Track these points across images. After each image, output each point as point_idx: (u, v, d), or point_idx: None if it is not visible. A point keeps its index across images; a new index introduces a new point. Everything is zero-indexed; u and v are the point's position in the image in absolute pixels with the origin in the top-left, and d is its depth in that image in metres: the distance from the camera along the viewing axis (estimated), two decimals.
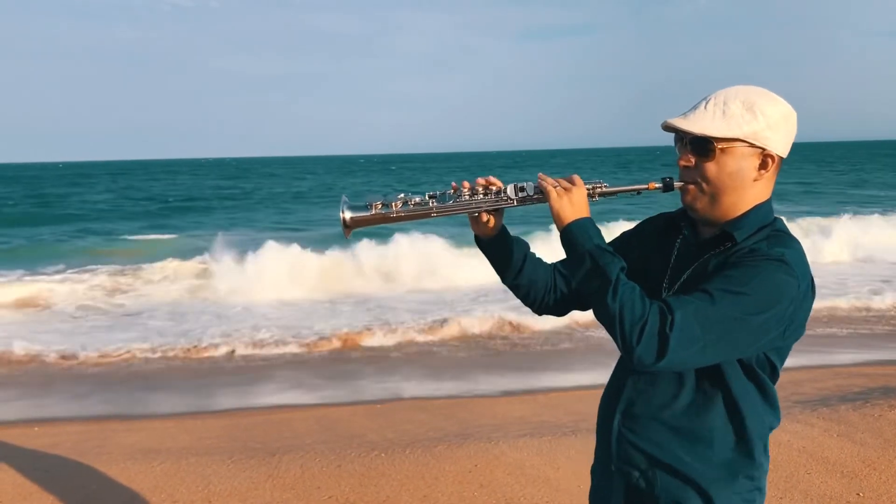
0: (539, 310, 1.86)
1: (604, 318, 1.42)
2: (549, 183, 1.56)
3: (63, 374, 7.14)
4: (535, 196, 1.60)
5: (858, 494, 3.80)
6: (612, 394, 1.69)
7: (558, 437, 4.71)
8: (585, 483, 3.99)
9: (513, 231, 1.80)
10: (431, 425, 5.20)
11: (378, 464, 4.34)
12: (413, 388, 6.51)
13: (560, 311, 1.86)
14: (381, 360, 7.60)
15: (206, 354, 7.81)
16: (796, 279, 1.43)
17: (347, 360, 7.66)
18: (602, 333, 8.23)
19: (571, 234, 1.50)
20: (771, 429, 1.59)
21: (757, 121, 1.48)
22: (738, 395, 1.52)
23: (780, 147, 1.52)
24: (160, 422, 5.57)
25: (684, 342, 1.36)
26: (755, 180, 1.52)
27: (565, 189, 1.54)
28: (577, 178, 1.56)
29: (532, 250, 1.83)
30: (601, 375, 6.74)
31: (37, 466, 4.44)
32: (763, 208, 1.54)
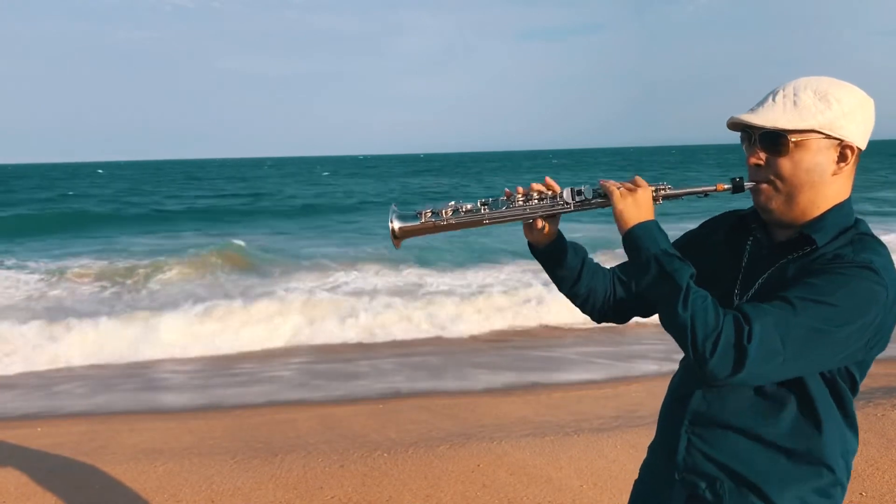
0: (598, 318, 1.77)
1: (673, 328, 1.32)
2: (612, 184, 1.48)
3: None
4: (594, 200, 1.52)
5: (861, 494, 3.80)
6: (679, 398, 1.56)
7: (561, 437, 4.71)
8: (588, 483, 4.03)
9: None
10: (434, 425, 5.20)
11: (380, 463, 4.34)
12: (415, 387, 6.52)
13: (620, 319, 1.77)
14: (383, 360, 7.60)
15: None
16: (885, 287, 1.32)
17: (351, 359, 7.67)
18: (603, 337, 8.21)
19: (636, 238, 1.41)
20: (852, 449, 1.48)
21: (831, 109, 1.37)
22: (820, 406, 1.41)
23: (858, 137, 1.40)
24: (163, 422, 5.58)
25: (763, 355, 1.26)
26: (834, 174, 1.41)
27: (629, 190, 1.46)
28: (639, 179, 1.49)
29: (590, 256, 1.75)
30: (602, 375, 6.77)
31: (40, 466, 4.45)
32: (843, 209, 1.43)
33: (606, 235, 11.13)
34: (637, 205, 1.44)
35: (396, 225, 1.58)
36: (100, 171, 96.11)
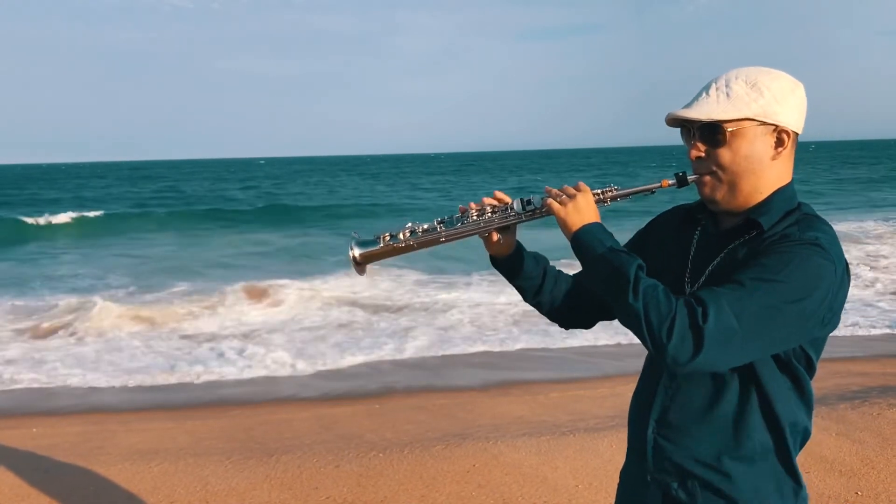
0: (565, 325, 1.79)
1: (628, 319, 1.34)
2: (552, 194, 1.50)
3: None
4: (544, 209, 1.54)
5: (857, 493, 3.80)
6: (643, 401, 1.59)
7: (556, 437, 4.71)
8: (583, 482, 4.02)
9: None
10: (430, 425, 5.20)
11: (376, 464, 4.34)
12: (412, 386, 6.52)
13: (586, 324, 1.78)
14: (380, 361, 7.59)
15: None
16: (833, 263, 1.34)
17: (348, 361, 7.66)
18: (602, 335, 8.20)
19: (581, 242, 1.43)
20: (806, 431, 1.49)
21: (763, 96, 1.41)
22: (773, 392, 1.43)
23: (793, 121, 1.44)
24: (160, 422, 5.58)
25: (720, 335, 1.26)
26: (773, 159, 1.44)
27: (569, 196, 1.47)
28: (581, 184, 1.50)
29: (552, 264, 1.76)
30: (600, 374, 6.76)
31: (36, 467, 4.46)
32: (786, 192, 1.46)
33: None
34: (578, 210, 1.46)
35: (356, 252, 1.60)
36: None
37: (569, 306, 1.74)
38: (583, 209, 1.46)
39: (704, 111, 1.43)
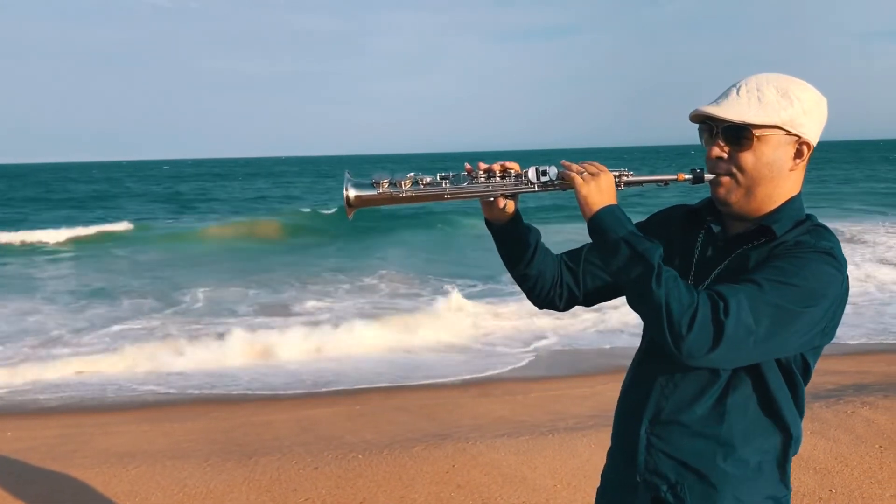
0: (542, 304, 1.73)
1: (648, 306, 1.30)
2: (573, 169, 1.47)
3: None
4: (558, 182, 1.49)
5: (831, 491, 3.84)
6: (637, 399, 1.54)
7: (535, 437, 4.72)
8: (561, 482, 4.04)
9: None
10: (410, 426, 5.20)
11: (355, 465, 4.32)
12: (393, 386, 6.52)
13: (564, 307, 1.74)
14: (370, 358, 7.58)
15: None
16: (842, 274, 1.37)
17: (337, 357, 7.64)
18: (586, 344, 8.25)
19: (602, 222, 1.39)
20: (799, 440, 1.50)
21: (793, 106, 1.40)
22: (777, 394, 1.43)
23: (813, 134, 1.44)
24: (137, 424, 5.54)
25: (739, 331, 1.26)
26: (791, 170, 1.44)
27: (592, 174, 1.44)
28: (600, 165, 1.48)
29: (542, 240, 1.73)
30: (581, 372, 6.77)
31: (9, 471, 4.40)
32: (796, 202, 1.47)
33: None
34: (600, 189, 1.43)
35: (351, 193, 1.52)
36: (94, 171, 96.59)
37: (552, 286, 1.70)
38: (605, 189, 1.43)
39: (735, 112, 1.41)
